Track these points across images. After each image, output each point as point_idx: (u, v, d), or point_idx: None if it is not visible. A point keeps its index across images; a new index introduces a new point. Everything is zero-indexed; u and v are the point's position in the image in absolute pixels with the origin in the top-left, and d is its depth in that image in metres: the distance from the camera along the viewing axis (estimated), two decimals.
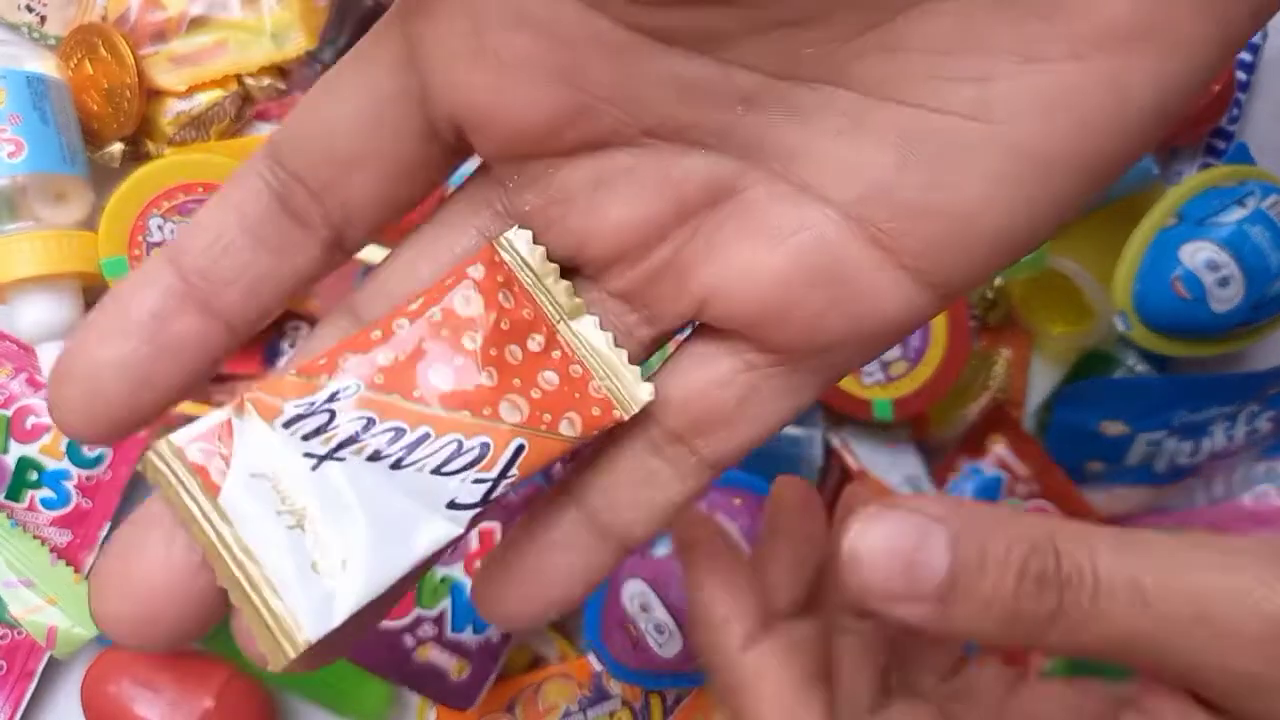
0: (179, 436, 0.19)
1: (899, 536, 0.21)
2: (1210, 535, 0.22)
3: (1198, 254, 0.49)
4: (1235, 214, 0.49)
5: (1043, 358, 0.57)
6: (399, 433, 0.19)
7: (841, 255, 0.19)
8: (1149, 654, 0.21)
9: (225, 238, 0.20)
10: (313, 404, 0.19)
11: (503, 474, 0.20)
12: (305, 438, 0.19)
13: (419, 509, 0.19)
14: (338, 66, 0.20)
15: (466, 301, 0.20)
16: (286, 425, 0.19)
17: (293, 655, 0.18)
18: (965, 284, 0.19)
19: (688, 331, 0.22)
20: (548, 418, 0.20)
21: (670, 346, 0.23)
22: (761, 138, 0.19)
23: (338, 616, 0.18)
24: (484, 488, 0.19)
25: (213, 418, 0.19)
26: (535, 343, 0.21)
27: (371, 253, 0.45)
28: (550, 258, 0.21)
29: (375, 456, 0.19)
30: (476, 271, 0.20)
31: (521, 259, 0.21)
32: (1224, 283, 0.48)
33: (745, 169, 0.19)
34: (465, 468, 0.19)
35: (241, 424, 0.19)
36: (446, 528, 0.19)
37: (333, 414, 0.19)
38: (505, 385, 0.20)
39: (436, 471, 0.19)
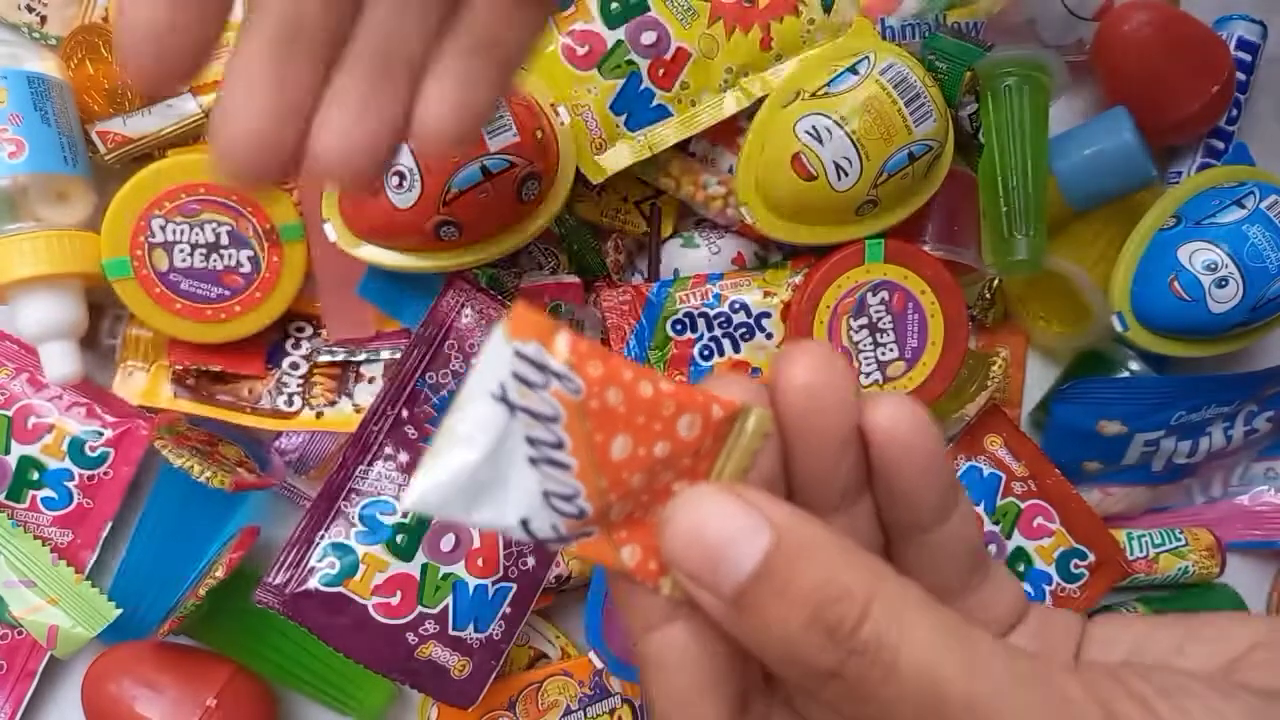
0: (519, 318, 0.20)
1: (721, 521, 0.20)
2: (1043, 667, 0.20)
3: (1196, 255, 0.49)
4: (1234, 214, 0.49)
5: (1040, 357, 0.58)
6: (558, 446, 0.20)
7: None
8: None
9: None
10: (546, 364, 0.20)
11: (564, 539, 0.21)
12: (519, 377, 0.20)
13: (504, 498, 0.20)
14: None
15: (691, 426, 0.21)
16: (519, 355, 0.20)
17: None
18: None
19: (687, 333, 0.22)
20: (623, 534, 0.22)
21: (671, 347, 0.23)
22: None
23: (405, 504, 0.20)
24: (550, 536, 0.21)
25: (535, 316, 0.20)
26: (680, 485, 0.22)
27: (372, 253, 0.45)
28: None
29: (529, 440, 0.20)
30: (717, 412, 0.22)
31: (746, 431, 0.22)
32: (1222, 283, 0.48)
33: None
34: (557, 510, 0.21)
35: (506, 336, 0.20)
36: (501, 522, 0.21)
37: (545, 384, 0.20)
38: (633, 492, 0.21)
39: (544, 493, 0.21)
